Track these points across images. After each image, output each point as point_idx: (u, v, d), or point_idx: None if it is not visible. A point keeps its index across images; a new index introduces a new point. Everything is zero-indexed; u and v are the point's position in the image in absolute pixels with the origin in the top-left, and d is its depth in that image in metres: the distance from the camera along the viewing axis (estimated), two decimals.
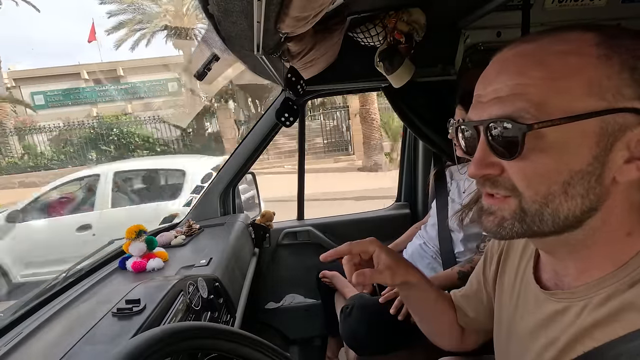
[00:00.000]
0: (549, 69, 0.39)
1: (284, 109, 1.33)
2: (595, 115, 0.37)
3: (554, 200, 0.40)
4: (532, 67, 0.40)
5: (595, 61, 0.38)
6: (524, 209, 0.42)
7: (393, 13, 1.28)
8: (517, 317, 0.56)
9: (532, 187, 0.41)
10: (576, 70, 0.38)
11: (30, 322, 0.83)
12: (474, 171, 0.44)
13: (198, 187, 1.76)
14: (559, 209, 0.41)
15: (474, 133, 0.45)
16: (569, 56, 0.39)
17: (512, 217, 0.43)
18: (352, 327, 1.20)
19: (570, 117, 0.37)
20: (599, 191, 0.39)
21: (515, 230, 0.43)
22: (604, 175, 0.39)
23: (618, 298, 0.40)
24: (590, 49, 0.38)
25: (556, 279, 0.50)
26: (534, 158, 0.40)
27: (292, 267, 1.99)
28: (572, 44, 0.39)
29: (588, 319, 0.42)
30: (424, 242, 1.43)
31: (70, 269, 1.13)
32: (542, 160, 0.40)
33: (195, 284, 0.93)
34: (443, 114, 1.32)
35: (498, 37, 1.45)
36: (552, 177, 0.40)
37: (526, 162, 0.40)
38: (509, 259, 0.62)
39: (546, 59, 0.40)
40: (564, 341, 0.45)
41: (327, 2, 0.67)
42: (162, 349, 0.45)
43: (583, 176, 0.39)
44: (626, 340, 0.38)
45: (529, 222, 0.42)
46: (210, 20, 0.69)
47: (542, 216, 0.41)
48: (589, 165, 0.38)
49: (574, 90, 0.38)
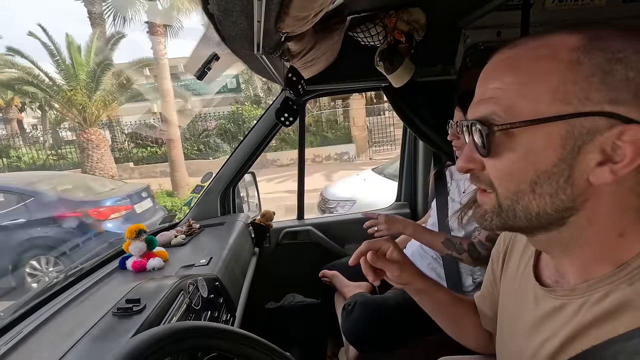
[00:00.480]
0: (519, 74, 0.41)
1: (283, 109, 1.33)
2: (558, 119, 0.38)
3: (523, 198, 0.43)
4: (506, 72, 0.43)
5: (564, 66, 0.39)
6: (500, 204, 0.45)
7: (393, 12, 1.28)
8: (517, 314, 0.57)
9: (504, 184, 0.44)
10: (543, 75, 0.40)
11: (30, 321, 0.83)
12: (460, 165, 0.48)
13: (198, 187, 1.76)
14: (529, 207, 0.43)
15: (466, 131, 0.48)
16: (539, 62, 0.41)
17: (491, 211, 0.47)
18: (354, 324, 1.21)
19: (533, 120, 0.40)
20: (570, 192, 0.40)
21: (495, 223, 0.47)
22: (574, 177, 0.40)
23: (617, 296, 0.41)
24: (565, 53, 0.39)
25: (557, 276, 0.50)
26: (504, 157, 0.43)
27: (292, 267, 1.99)
28: (548, 49, 0.41)
29: (586, 316, 0.43)
30: None
31: (70, 268, 1.13)
32: (511, 159, 0.42)
33: (195, 284, 0.93)
34: (443, 113, 1.32)
35: (498, 36, 1.45)
36: (520, 176, 0.42)
37: (498, 160, 0.43)
38: (512, 257, 0.63)
39: (519, 65, 0.42)
40: (562, 338, 0.45)
41: (327, 2, 0.67)
42: (162, 349, 0.45)
43: (549, 176, 0.41)
44: (625, 339, 0.38)
45: (504, 217, 0.45)
46: (210, 19, 0.69)
47: (515, 212, 0.44)
48: (554, 167, 0.40)
49: (539, 95, 0.40)
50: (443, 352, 0.90)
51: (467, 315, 0.76)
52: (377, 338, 1.19)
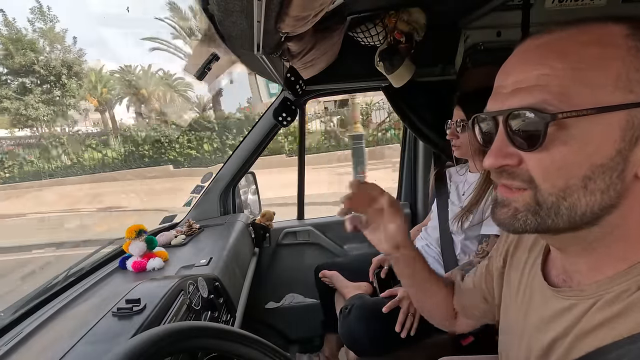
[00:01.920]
0: (572, 59, 0.38)
1: (282, 109, 1.33)
2: (623, 108, 0.36)
3: (572, 195, 0.39)
4: (553, 57, 0.39)
5: (624, 53, 0.37)
6: (538, 202, 0.41)
7: (393, 13, 1.28)
8: (523, 313, 0.55)
9: (550, 179, 0.40)
10: (603, 61, 0.37)
11: (31, 321, 0.83)
12: (492, 161, 0.43)
13: (198, 187, 1.76)
14: (577, 204, 0.39)
15: (492, 124, 0.44)
16: (594, 47, 0.38)
17: (525, 209, 0.42)
18: (351, 328, 1.20)
19: (596, 108, 0.36)
20: (619, 187, 0.38)
21: (529, 223, 0.42)
22: (626, 171, 0.38)
23: (627, 298, 0.40)
24: (619, 39, 0.37)
25: (565, 275, 0.49)
26: (554, 150, 0.39)
27: (292, 267, 1.99)
28: (598, 35, 0.38)
29: (595, 317, 0.42)
30: (426, 244, 1.43)
31: (70, 268, 1.13)
32: (563, 153, 0.38)
33: (196, 284, 0.93)
34: (443, 113, 1.32)
35: (498, 36, 1.44)
36: (571, 170, 0.39)
37: (546, 154, 0.39)
38: (517, 255, 0.61)
39: (569, 49, 0.39)
40: (569, 339, 0.44)
41: (327, 2, 0.67)
42: (162, 349, 0.45)
43: (605, 171, 0.38)
44: (631, 342, 0.37)
45: (544, 216, 0.41)
46: (210, 19, 0.69)
47: (558, 210, 0.40)
48: (612, 160, 0.37)
49: (599, 82, 0.37)
50: (441, 353, 0.90)
51: (439, 292, 0.77)
52: (375, 340, 1.18)
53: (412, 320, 1.15)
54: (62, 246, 6.49)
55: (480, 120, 0.47)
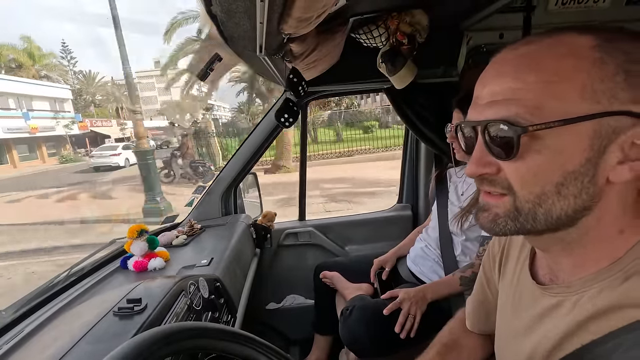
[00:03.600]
0: (544, 72, 0.40)
1: (284, 110, 1.33)
2: (589, 119, 0.38)
3: (546, 201, 0.41)
4: (527, 70, 0.41)
5: (590, 65, 0.38)
6: (517, 208, 0.43)
7: (395, 14, 1.28)
8: (514, 314, 0.57)
9: (527, 187, 0.42)
10: (571, 73, 0.39)
11: (32, 320, 0.83)
12: (472, 170, 0.45)
13: (200, 187, 1.76)
14: (552, 209, 0.42)
15: (472, 133, 0.46)
16: (564, 59, 0.39)
17: (505, 215, 0.44)
18: (352, 329, 1.20)
19: (564, 120, 0.38)
20: (592, 191, 0.40)
21: (508, 228, 0.45)
22: (597, 176, 0.40)
23: (612, 292, 0.41)
24: (586, 51, 0.39)
25: (551, 274, 0.51)
26: (529, 159, 0.41)
27: (293, 268, 1.99)
28: (568, 47, 0.40)
29: (583, 312, 0.43)
30: (426, 245, 1.43)
31: (71, 267, 1.13)
32: (537, 161, 0.41)
33: (197, 284, 0.93)
34: (445, 115, 1.31)
35: (501, 38, 1.45)
36: (546, 178, 0.41)
37: (521, 163, 0.41)
38: (509, 259, 0.63)
39: (541, 63, 0.40)
40: (559, 335, 0.45)
41: (330, 4, 0.67)
42: (162, 349, 0.45)
43: (576, 177, 0.40)
44: (626, 331, 0.38)
45: (522, 221, 0.43)
46: (213, 21, 0.69)
47: (535, 215, 0.43)
48: (582, 167, 0.39)
49: (568, 94, 0.39)
50: None
51: (457, 346, 0.77)
52: (376, 342, 1.18)
53: (413, 322, 1.15)
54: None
55: (462, 128, 0.49)
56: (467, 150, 0.49)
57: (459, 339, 0.78)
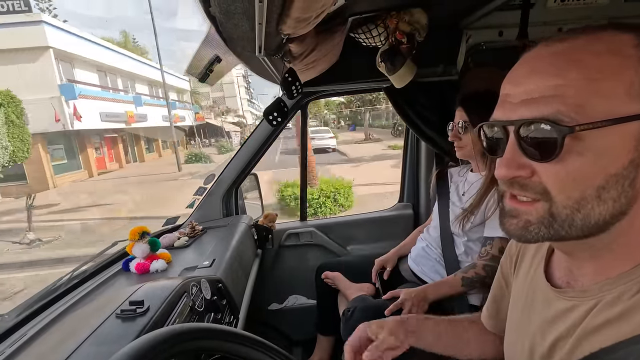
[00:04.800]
0: (587, 69, 0.38)
1: (273, 108, 1.31)
2: (637, 119, 0.36)
3: (586, 206, 0.39)
4: (568, 67, 0.38)
5: (636, 63, 0.37)
6: (553, 214, 0.41)
7: (394, 13, 1.28)
8: (526, 314, 0.56)
9: (566, 191, 0.39)
10: (616, 71, 0.37)
11: (35, 324, 0.83)
12: (504, 172, 0.42)
13: (201, 189, 1.76)
14: (591, 214, 0.39)
15: (502, 133, 0.43)
16: (608, 56, 0.38)
17: (538, 222, 0.42)
18: (354, 330, 1.20)
19: (612, 119, 0.36)
20: (630, 195, 0.39)
21: (542, 235, 0.42)
22: (637, 179, 0.38)
23: (629, 299, 0.40)
24: (630, 49, 0.37)
25: (569, 277, 0.49)
26: (569, 161, 0.38)
27: (295, 268, 1.99)
28: (609, 45, 0.38)
29: (597, 318, 0.42)
30: (427, 245, 1.43)
31: (74, 270, 1.13)
32: (578, 164, 0.38)
33: (199, 285, 0.93)
34: (445, 114, 1.32)
35: (500, 36, 1.44)
36: (587, 182, 0.38)
37: (561, 165, 0.39)
38: (524, 259, 0.62)
39: (583, 59, 0.38)
40: (572, 340, 0.44)
41: (329, 3, 0.67)
42: (165, 351, 0.45)
43: (618, 180, 0.38)
44: (635, 342, 0.37)
45: (557, 228, 0.41)
46: (211, 22, 0.69)
47: (573, 222, 0.40)
48: (625, 169, 0.38)
49: (614, 92, 0.37)
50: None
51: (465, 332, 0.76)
52: None
53: None
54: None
55: (487, 128, 0.46)
56: (490, 151, 0.47)
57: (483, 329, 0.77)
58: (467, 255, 1.29)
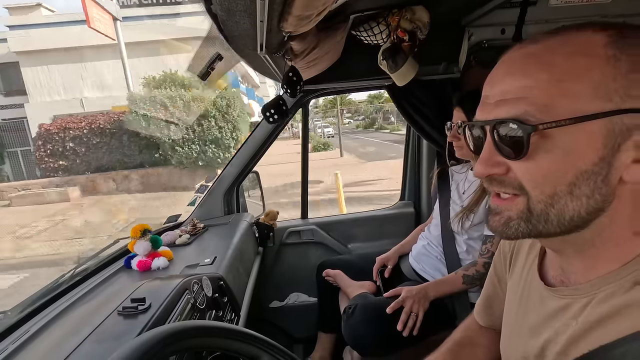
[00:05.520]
0: (555, 70, 0.39)
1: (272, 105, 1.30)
2: (601, 117, 0.37)
3: (559, 201, 0.41)
4: (538, 68, 0.40)
5: (603, 62, 0.38)
6: (530, 209, 0.42)
7: (396, 11, 1.28)
8: (521, 314, 0.56)
9: (538, 187, 0.41)
10: (583, 71, 0.38)
11: (37, 320, 0.84)
12: (480, 170, 0.45)
13: (202, 187, 1.76)
14: (565, 210, 0.41)
15: (481, 132, 0.46)
16: (575, 57, 0.39)
17: (518, 217, 0.43)
18: (355, 328, 1.20)
19: (575, 118, 0.38)
20: (604, 191, 0.39)
21: (521, 230, 0.44)
22: (610, 176, 0.39)
23: (622, 296, 0.40)
24: (599, 49, 0.38)
25: (562, 276, 0.50)
26: (539, 158, 0.40)
27: (296, 266, 1.99)
28: (579, 45, 0.39)
29: (592, 315, 0.42)
30: (427, 243, 1.43)
31: (76, 267, 1.14)
32: (548, 161, 0.40)
33: (200, 283, 0.93)
34: (446, 112, 1.31)
35: (502, 34, 1.44)
36: (557, 178, 0.40)
37: (532, 162, 0.41)
38: (518, 258, 0.62)
39: (553, 60, 0.40)
40: (567, 338, 0.45)
41: (330, 1, 0.67)
42: (167, 348, 0.45)
43: (589, 176, 0.39)
44: (632, 339, 0.37)
45: (535, 222, 0.42)
46: (213, 19, 0.69)
47: (548, 217, 0.42)
48: (595, 166, 0.39)
49: (580, 92, 0.38)
50: None
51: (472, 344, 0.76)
52: (379, 340, 1.18)
53: (415, 320, 1.15)
54: None
55: (470, 128, 0.49)
56: (475, 150, 0.48)
57: (475, 336, 0.77)
58: (468, 253, 1.29)
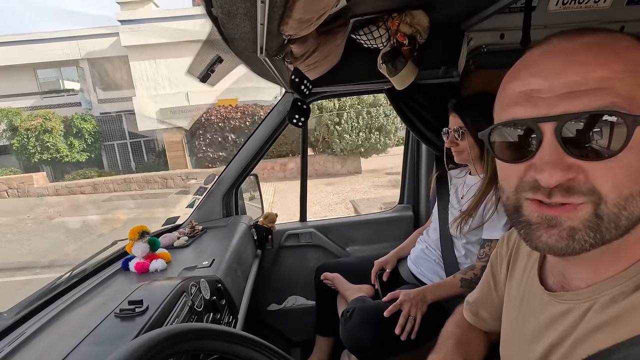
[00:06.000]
0: (628, 61, 0.36)
1: (294, 111, 1.31)
2: None
3: (632, 202, 0.37)
4: (611, 59, 0.36)
5: None
6: (599, 215, 0.37)
7: (396, 15, 1.28)
8: (521, 319, 0.56)
9: (618, 189, 0.36)
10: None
11: (33, 322, 0.83)
12: (555, 178, 0.37)
13: (201, 189, 1.77)
14: (634, 212, 0.37)
15: (536, 132, 0.39)
16: (637, 51, 0.37)
17: (584, 227, 0.38)
18: (353, 331, 1.20)
19: None
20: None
21: (589, 242, 0.38)
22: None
23: (623, 301, 0.40)
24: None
25: (563, 281, 0.49)
26: (623, 156, 0.36)
27: (295, 269, 1.99)
28: (630, 40, 0.38)
29: (592, 321, 0.42)
30: (426, 247, 1.43)
31: (73, 269, 1.13)
32: (631, 159, 0.36)
33: (198, 285, 0.93)
34: (445, 116, 1.31)
35: (501, 39, 1.44)
36: (637, 177, 0.36)
37: (616, 161, 0.36)
38: (518, 262, 0.62)
39: (621, 52, 0.37)
40: (567, 343, 0.44)
41: (330, 5, 0.67)
42: (164, 350, 0.45)
43: None
44: (631, 344, 0.37)
45: (604, 230, 0.37)
46: (213, 22, 0.69)
47: (619, 221, 0.37)
48: None
49: None
50: None
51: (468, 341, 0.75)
52: (376, 344, 1.18)
53: (413, 324, 1.15)
54: None
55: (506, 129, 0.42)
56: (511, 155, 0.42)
57: (469, 334, 0.77)
58: (466, 257, 1.29)
